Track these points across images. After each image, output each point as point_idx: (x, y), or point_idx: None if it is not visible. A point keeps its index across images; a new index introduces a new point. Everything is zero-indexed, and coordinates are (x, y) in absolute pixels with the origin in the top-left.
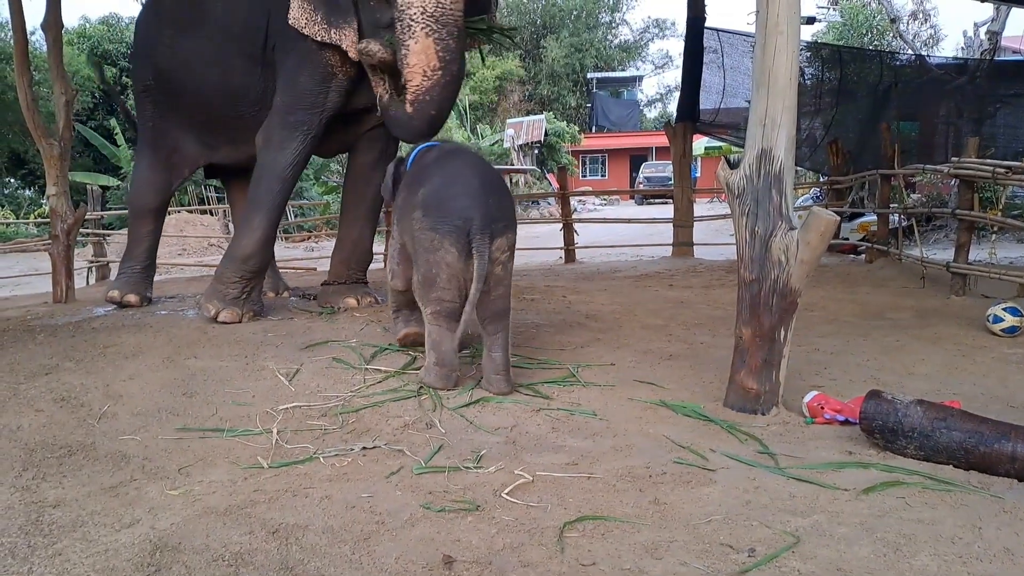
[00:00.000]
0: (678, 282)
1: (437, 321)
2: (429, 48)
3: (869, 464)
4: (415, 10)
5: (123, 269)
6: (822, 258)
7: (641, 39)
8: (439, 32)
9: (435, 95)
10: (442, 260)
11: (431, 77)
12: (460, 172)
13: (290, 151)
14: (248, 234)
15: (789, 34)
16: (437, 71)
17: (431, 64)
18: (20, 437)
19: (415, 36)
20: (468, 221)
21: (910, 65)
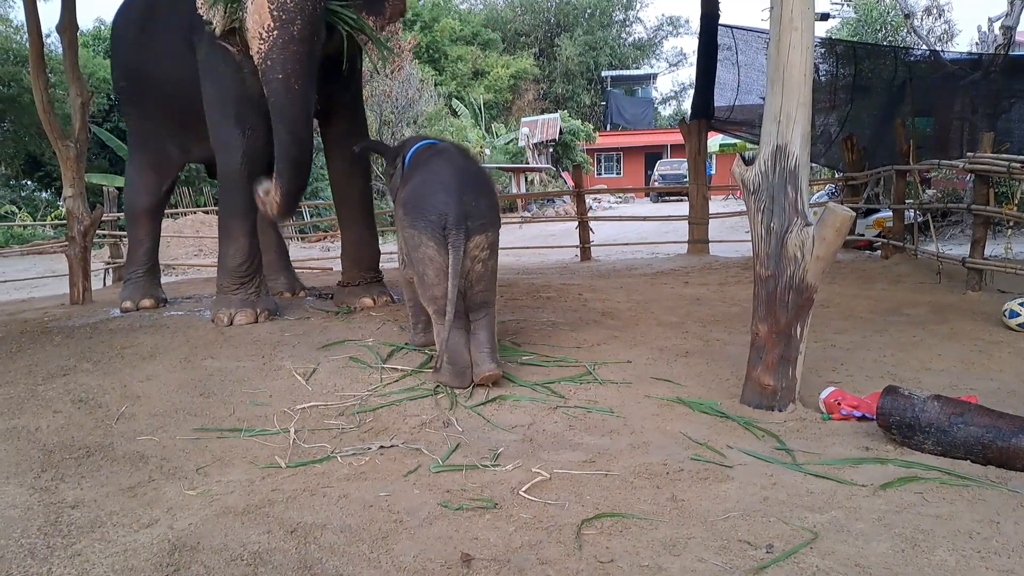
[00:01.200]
0: (694, 279)
1: (441, 320)
2: (262, 6)
3: (887, 460)
4: None
5: (128, 275)
6: (838, 254)
7: (655, 37)
8: None
9: (276, 56)
10: (425, 256)
11: (267, 40)
12: (439, 170)
13: (236, 147)
14: (231, 243)
15: (803, 30)
16: (272, 32)
17: (265, 24)
18: (39, 438)
19: None
20: (443, 217)
21: (924, 61)
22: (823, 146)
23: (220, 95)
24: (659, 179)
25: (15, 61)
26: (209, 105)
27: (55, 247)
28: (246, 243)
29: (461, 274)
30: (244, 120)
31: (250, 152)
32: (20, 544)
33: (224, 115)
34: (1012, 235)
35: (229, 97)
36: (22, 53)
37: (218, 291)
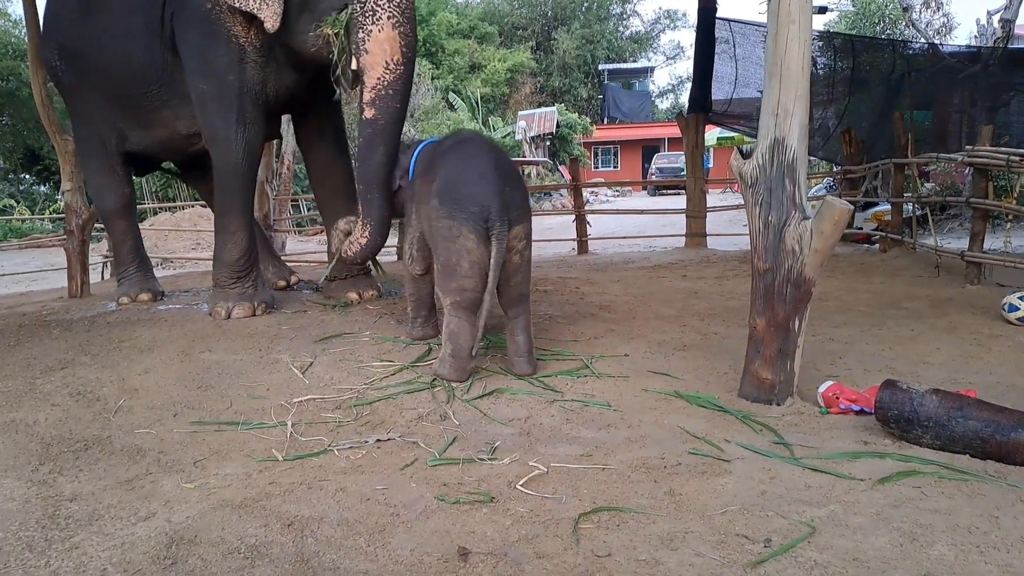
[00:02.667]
0: (691, 273)
1: (456, 312)
2: (394, 40)
3: (885, 454)
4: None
5: (119, 274)
6: (836, 247)
7: (652, 30)
8: (404, 25)
9: (399, 89)
10: (462, 248)
11: (394, 71)
12: (476, 160)
13: (236, 141)
14: (228, 238)
15: (801, 23)
16: (400, 65)
17: (395, 57)
18: (37, 431)
19: (380, 23)
20: (485, 208)
21: (923, 54)
22: (821, 139)
23: (218, 87)
24: (656, 172)
25: (13, 55)
26: (202, 97)
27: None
28: (244, 237)
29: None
30: (244, 113)
31: (250, 146)
32: (18, 537)
33: (223, 108)
34: (1011, 228)
35: (230, 89)
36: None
37: (215, 285)
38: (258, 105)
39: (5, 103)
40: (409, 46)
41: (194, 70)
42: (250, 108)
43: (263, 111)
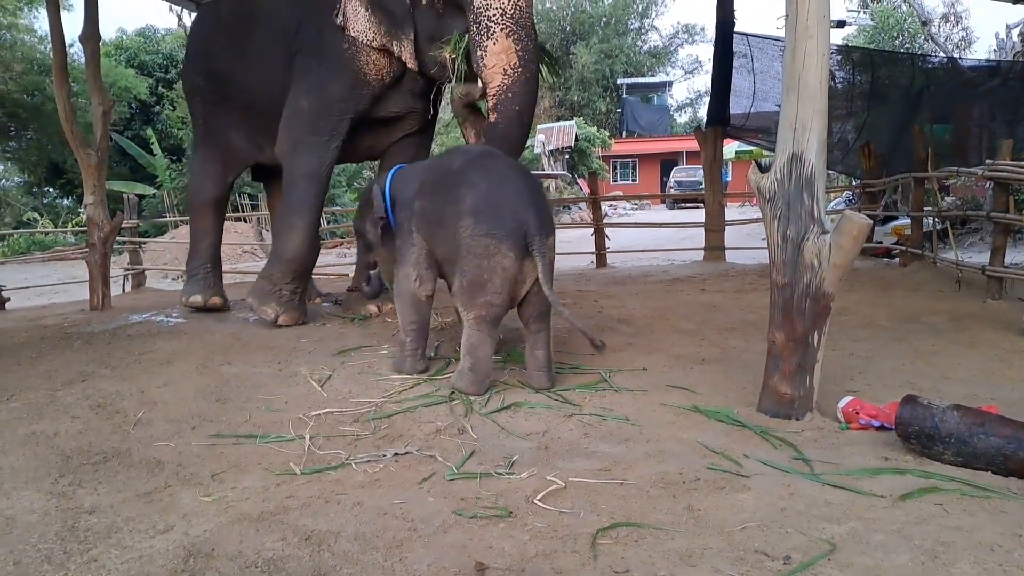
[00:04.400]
0: (710, 286)
1: (479, 326)
2: (509, 48)
3: (906, 470)
4: (494, 11)
5: (193, 269)
6: (855, 262)
7: (670, 44)
8: (518, 33)
9: (517, 91)
10: (498, 265)
11: (512, 75)
12: (506, 176)
13: (319, 155)
14: (290, 235)
15: (819, 38)
16: (517, 69)
17: (511, 63)
18: (57, 443)
19: (494, 36)
20: (524, 224)
21: (942, 68)
22: (840, 153)
23: (323, 107)
24: (675, 186)
25: (39, 71)
26: (299, 112)
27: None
28: (304, 236)
29: (523, 281)
30: (336, 131)
31: (332, 159)
32: (37, 549)
33: (320, 125)
34: None
35: (332, 110)
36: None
37: (263, 279)
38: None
39: (30, 118)
40: (526, 51)
41: (302, 90)
42: (345, 130)
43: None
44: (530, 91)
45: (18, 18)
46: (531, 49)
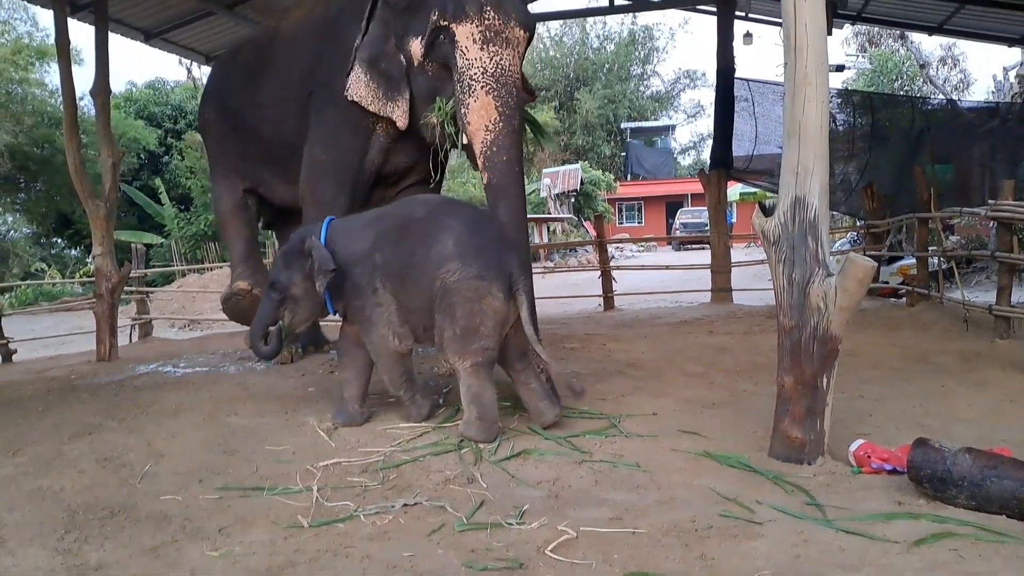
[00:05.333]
0: (718, 328)
1: (478, 373)
2: (489, 104)
3: (919, 515)
4: (475, 70)
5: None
6: (862, 302)
7: (673, 89)
8: (498, 90)
9: (502, 143)
10: (490, 307)
11: (493, 130)
12: (482, 220)
13: (338, 209)
14: None
15: (818, 84)
16: (498, 123)
17: (492, 118)
18: (63, 498)
19: (475, 94)
20: (509, 265)
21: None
22: (843, 194)
23: (339, 159)
24: (680, 228)
25: (49, 124)
26: (316, 164)
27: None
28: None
29: (508, 323)
30: (352, 184)
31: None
32: None
33: (337, 178)
34: None
35: (346, 162)
36: (55, 116)
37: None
38: (367, 182)
39: (40, 170)
40: (506, 106)
41: (318, 139)
42: (360, 183)
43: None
44: (515, 143)
45: (29, 72)
46: (512, 105)
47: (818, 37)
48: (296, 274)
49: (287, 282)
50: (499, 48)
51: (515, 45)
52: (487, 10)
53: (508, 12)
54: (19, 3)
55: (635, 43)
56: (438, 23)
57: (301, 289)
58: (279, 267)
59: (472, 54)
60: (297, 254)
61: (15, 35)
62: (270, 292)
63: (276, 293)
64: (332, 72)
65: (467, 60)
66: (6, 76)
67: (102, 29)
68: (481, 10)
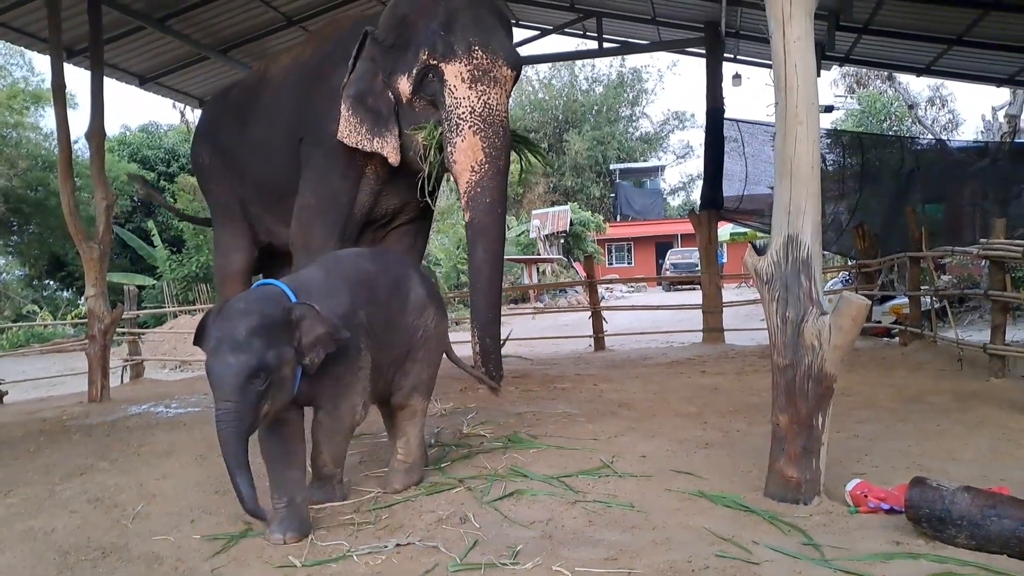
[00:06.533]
0: (710, 368)
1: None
2: (475, 145)
3: (919, 555)
4: (463, 110)
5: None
6: (855, 342)
7: (662, 131)
8: (485, 131)
9: (485, 185)
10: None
11: (479, 171)
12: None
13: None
14: None
15: (809, 124)
16: (484, 165)
17: (478, 159)
18: (55, 540)
19: (462, 134)
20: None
21: (931, 149)
22: (834, 234)
23: (329, 201)
24: (670, 268)
25: (43, 167)
26: (307, 209)
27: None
28: None
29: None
30: (345, 228)
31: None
32: None
33: (328, 220)
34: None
35: (337, 204)
36: (49, 159)
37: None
38: (357, 225)
39: (33, 212)
40: (492, 147)
41: (308, 185)
42: (351, 226)
43: (359, 228)
44: (498, 185)
45: (24, 116)
46: (499, 146)
47: (808, 77)
48: (286, 350)
49: (276, 363)
50: (487, 87)
51: (503, 84)
52: (475, 49)
53: (496, 51)
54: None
55: (624, 85)
56: (427, 62)
57: (290, 369)
58: (260, 347)
59: (460, 93)
60: (281, 325)
61: (11, 80)
62: (247, 386)
63: (258, 383)
64: (321, 117)
65: (455, 99)
66: (1, 120)
67: (98, 74)
68: (469, 49)
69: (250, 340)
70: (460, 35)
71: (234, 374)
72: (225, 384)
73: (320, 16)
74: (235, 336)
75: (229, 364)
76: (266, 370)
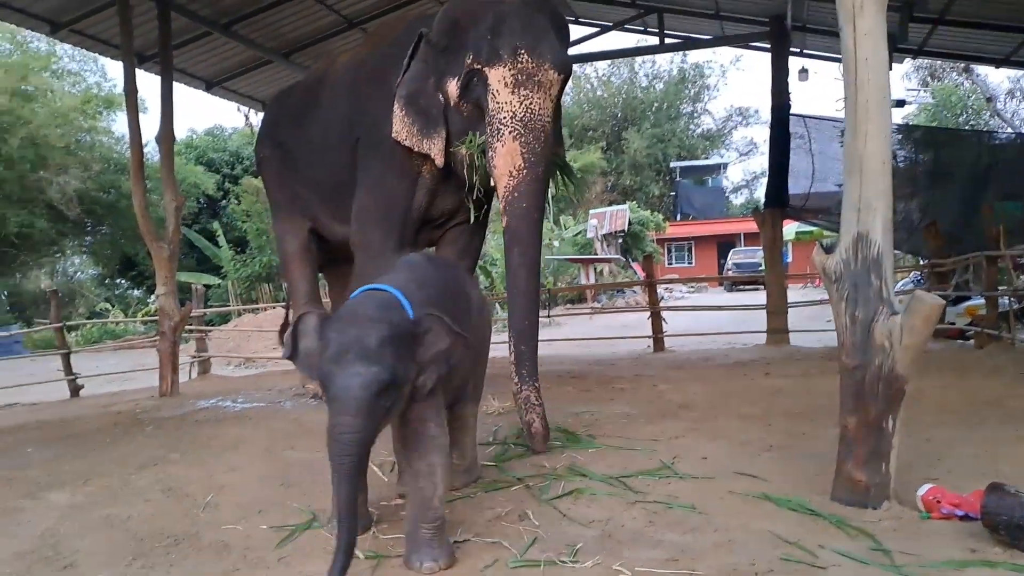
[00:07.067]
0: (775, 370)
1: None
2: (515, 150)
3: (996, 563)
4: (504, 114)
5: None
6: (927, 344)
7: (724, 127)
8: (525, 136)
9: (523, 191)
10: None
11: (517, 176)
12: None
13: (387, 254)
14: None
15: (879, 119)
16: (523, 170)
17: (516, 164)
18: (130, 527)
19: (503, 139)
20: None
21: (1010, 144)
22: (905, 233)
23: (387, 204)
24: (733, 268)
25: (114, 170)
26: (366, 210)
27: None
28: None
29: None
30: (401, 229)
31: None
32: None
33: (385, 224)
34: None
35: (395, 210)
36: (121, 162)
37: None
38: (416, 222)
39: (105, 214)
40: (532, 153)
41: (366, 185)
42: (409, 227)
43: (417, 228)
44: (536, 190)
45: (97, 121)
46: (539, 151)
47: (879, 71)
48: (411, 366)
49: (404, 380)
50: (530, 92)
51: (547, 88)
52: (520, 53)
53: (543, 54)
54: (89, 55)
55: (685, 81)
56: (472, 66)
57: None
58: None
59: (503, 97)
60: (409, 336)
61: (85, 85)
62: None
63: (385, 400)
64: (378, 118)
65: (497, 103)
66: (76, 124)
67: (167, 79)
68: (515, 53)
69: (381, 350)
70: (507, 39)
71: (363, 386)
72: (350, 397)
73: (380, 17)
74: (366, 344)
75: (358, 375)
76: (395, 386)
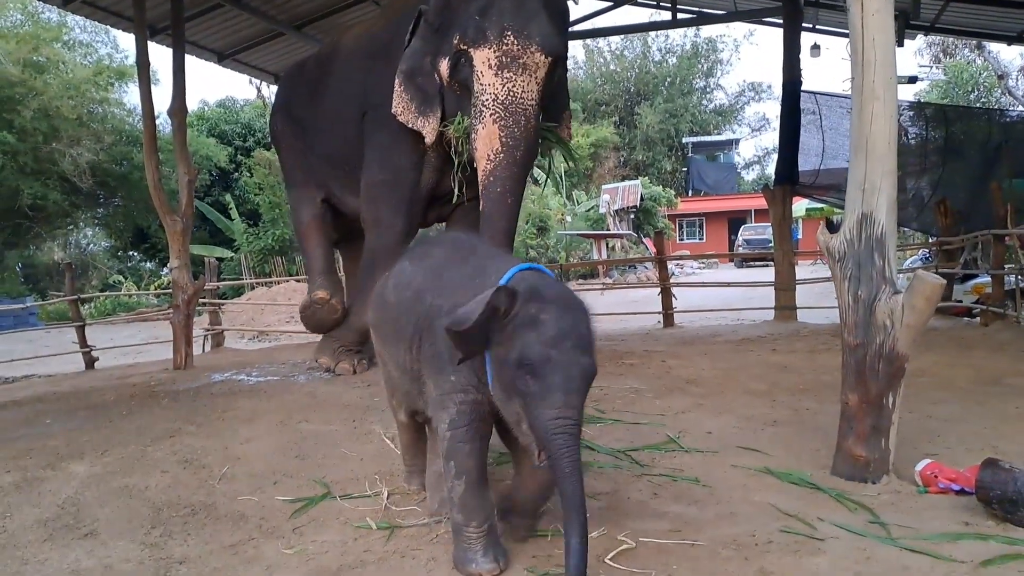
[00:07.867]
0: (781, 347)
1: None
2: (494, 134)
3: (988, 536)
4: (487, 96)
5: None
6: (934, 321)
7: (737, 103)
8: (505, 119)
9: (498, 175)
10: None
11: (494, 160)
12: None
13: (397, 231)
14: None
15: (886, 100)
16: (500, 154)
17: (494, 148)
18: (148, 496)
19: (484, 122)
20: None
21: (1021, 122)
22: (915, 210)
23: (395, 180)
24: (743, 244)
25: (127, 142)
26: (375, 186)
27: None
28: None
29: None
30: (411, 205)
31: (409, 233)
32: None
33: (395, 199)
34: None
35: (403, 183)
36: (133, 134)
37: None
38: (424, 199)
39: (118, 186)
40: (511, 137)
41: (374, 161)
42: (418, 204)
43: (426, 204)
44: (512, 175)
45: (109, 92)
46: (518, 135)
47: (886, 51)
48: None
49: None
50: (513, 75)
51: (533, 71)
52: (507, 35)
53: (530, 36)
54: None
55: (698, 56)
56: (459, 46)
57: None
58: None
59: (486, 79)
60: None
61: (96, 57)
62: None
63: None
64: (385, 93)
65: (481, 85)
66: (88, 96)
67: (179, 52)
68: (501, 35)
69: (592, 341)
70: (495, 20)
71: (587, 378)
72: (575, 390)
73: None
74: (584, 333)
75: (582, 365)
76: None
